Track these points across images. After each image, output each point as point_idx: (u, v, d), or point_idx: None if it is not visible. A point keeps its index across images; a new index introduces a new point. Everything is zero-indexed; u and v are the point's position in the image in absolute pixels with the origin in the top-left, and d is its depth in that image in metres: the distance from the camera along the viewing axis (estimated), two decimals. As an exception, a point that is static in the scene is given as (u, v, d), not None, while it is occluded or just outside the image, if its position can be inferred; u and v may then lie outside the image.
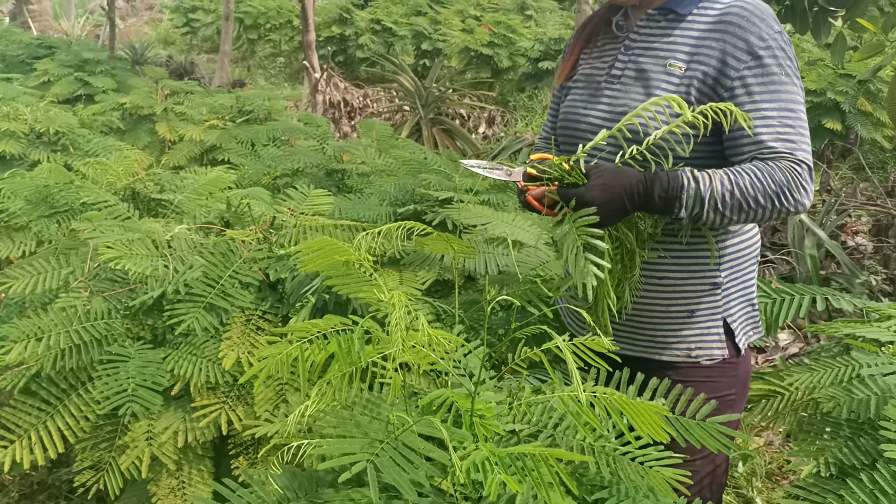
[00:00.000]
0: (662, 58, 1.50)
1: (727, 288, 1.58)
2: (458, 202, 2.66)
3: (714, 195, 1.37)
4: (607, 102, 1.57)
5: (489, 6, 11.69)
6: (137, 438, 1.79)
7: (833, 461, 1.47)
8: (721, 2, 1.48)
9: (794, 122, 1.41)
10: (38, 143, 3.67)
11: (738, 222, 1.42)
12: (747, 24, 1.42)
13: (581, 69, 1.67)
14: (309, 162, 3.58)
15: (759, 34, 1.42)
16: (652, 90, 1.50)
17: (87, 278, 1.99)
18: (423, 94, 7.66)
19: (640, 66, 1.53)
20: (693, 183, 1.37)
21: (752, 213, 1.39)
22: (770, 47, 1.41)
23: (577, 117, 1.62)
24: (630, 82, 1.54)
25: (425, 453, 1.08)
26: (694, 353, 1.57)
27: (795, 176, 1.38)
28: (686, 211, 1.38)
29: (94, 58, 6.09)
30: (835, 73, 6.13)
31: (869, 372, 1.53)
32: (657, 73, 1.50)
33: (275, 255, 1.98)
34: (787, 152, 1.39)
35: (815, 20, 3.76)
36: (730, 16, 1.44)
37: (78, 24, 14.92)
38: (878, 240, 4.32)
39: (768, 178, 1.37)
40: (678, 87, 1.47)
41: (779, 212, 1.40)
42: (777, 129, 1.40)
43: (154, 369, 1.80)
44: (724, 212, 1.38)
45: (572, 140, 1.63)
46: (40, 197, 2.57)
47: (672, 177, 1.38)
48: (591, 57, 1.66)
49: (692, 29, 1.49)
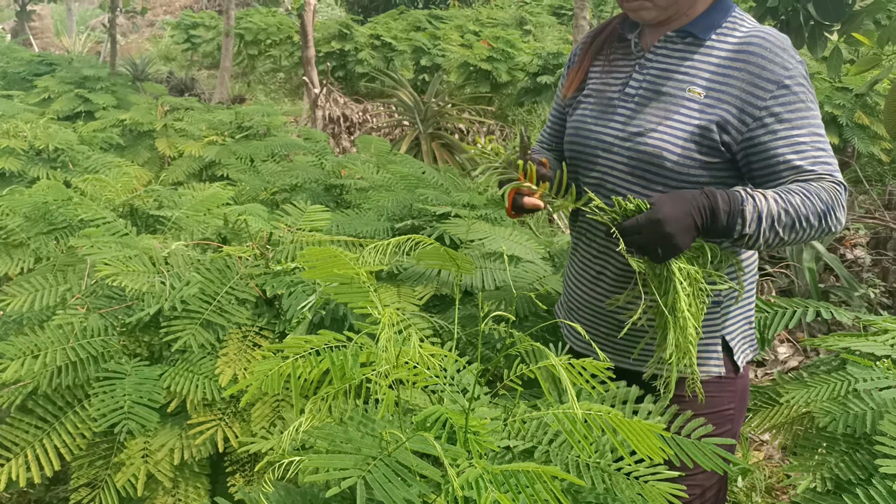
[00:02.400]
0: (681, 81, 1.49)
1: (726, 306, 1.58)
2: (455, 217, 2.67)
3: (771, 212, 1.35)
4: (621, 121, 1.54)
5: (488, 21, 11.76)
6: (133, 456, 1.79)
7: (829, 476, 1.46)
8: (740, 29, 1.48)
9: (825, 146, 1.42)
10: (38, 159, 3.69)
11: (787, 243, 1.40)
12: (771, 55, 1.42)
13: (591, 83, 1.65)
14: (307, 177, 3.59)
15: (784, 64, 1.42)
16: (671, 114, 1.48)
17: (84, 295, 1.99)
18: (422, 109, 7.68)
19: (658, 88, 1.51)
20: (751, 199, 1.35)
21: (802, 232, 1.38)
22: (794, 76, 1.42)
23: (587, 133, 1.60)
24: (645, 102, 1.52)
25: (419, 470, 1.08)
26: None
27: (838, 196, 1.39)
28: (748, 228, 1.34)
29: (94, 74, 6.13)
30: (832, 87, 6.16)
31: (864, 387, 1.52)
32: (676, 97, 1.48)
33: (271, 271, 1.99)
34: (826, 174, 1.40)
35: (810, 35, 3.78)
36: (752, 46, 1.44)
37: (79, 41, 15.00)
38: (877, 252, 4.32)
39: (816, 197, 1.36)
40: (698, 113, 1.46)
41: (822, 231, 1.40)
42: (812, 153, 1.40)
43: (150, 386, 1.80)
44: (779, 230, 1.36)
45: (581, 156, 1.62)
46: (39, 214, 2.57)
47: (730, 192, 1.36)
48: (601, 72, 1.64)
49: (712, 55, 1.47)
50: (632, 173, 1.52)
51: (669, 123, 1.47)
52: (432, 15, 12.23)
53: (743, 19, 1.51)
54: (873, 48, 3.21)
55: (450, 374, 1.36)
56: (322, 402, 1.14)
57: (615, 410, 1.15)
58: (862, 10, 3.58)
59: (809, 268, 3.86)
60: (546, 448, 1.27)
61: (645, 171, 1.50)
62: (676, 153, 1.46)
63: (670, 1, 1.49)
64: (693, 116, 1.46)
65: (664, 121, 1.48)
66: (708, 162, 1.47)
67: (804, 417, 1.67)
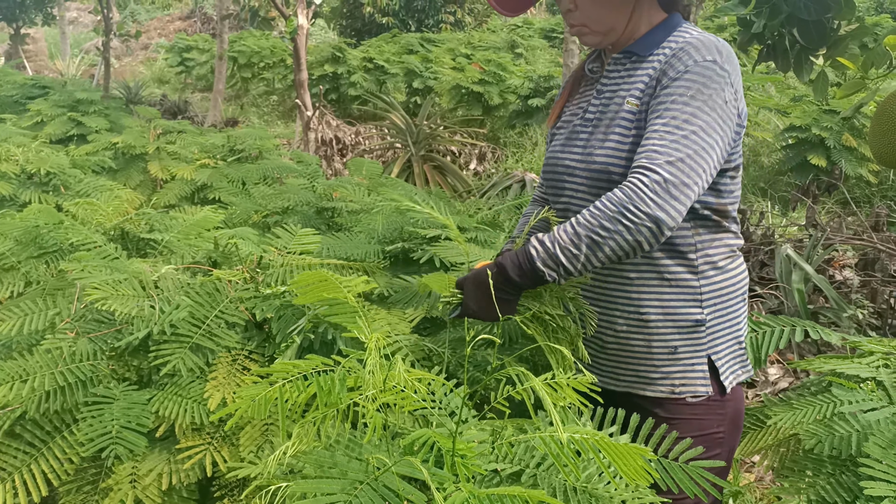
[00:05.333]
0: (623, 98, 1.54)
1: (711, 325, 1.58)
2: (445, 240, 2.69)
3: (563, 245, 1.39)
4: (581, 145, 1.61)
5: (480, 44, 11.87)
6: (121, 481, 1.78)
7: (816, 498, 1.47)
8: (680, 39, 1.51)
9: (675, 137, 1.38)
10: (30, 183, 3.69)
11: (609, 257, 1.40)
12: (682, 55, 1.45)
13: (564, 116, 1.73)
14: (299, 200, 3.61)
15: (686, 62, 1.44)
16: (612, 130, 1.54)
17: (73, 319, 1.99)
18: (414, 132, 7.73)
19: (607, 109, 1.57)
20: (540, 246, 1.41)
21: (612, 241, 1.37)
22: (689, 71, 1.43)
23: (555, 161, 1.68)
24: (598, 124, 1.58)
25: (405, 495, 1.09)
26: (678, 390, 1.57)
27: (636, 189, 1.36)
28: (553, 273, 1.40)
29: (87, 98, 6.14)
30: (819, 110, 6.23)
31: (848, 409, 1.54)
32: (619, 113, 1.54)
33: (261, 295, 1.99)
34: (643, 163, 1.38)
35: (796, 59, 3.83)
36: (675, 50, 1.48)
37: (73, 64, 15.07)
38: (865, 273, 4.35)
39: (604, 202, 1.38)
40: (632, 123, 1.51)
41: (638, 230, 1.36)
42: (653, 142, 1.39)
43: (139, 410, 1.80)
44: (581, 254, 1.38)
45: (553, 183, 1.70)
46: (30, 237, 2.58)
47: (520, 252, 1.42)
48: (571, 103, 1.72)
49: (650, 67, 1.52)
50: (591, 193, 1.57)
51: (612, 139, 1.53)
52: (424, 38, 12.35)
53: (688, 31, 1.53)
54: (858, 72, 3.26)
55: (438, 398, 1.36)
56: (310, 427, 1.15)
57: (602, 434, 1.16)
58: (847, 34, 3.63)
59: (798, 289, 3.89)
60: (534, 472, 1.27)
61: (600, 188, 1.54)
62: (621, 165, 1.50)
63: (607, 26, 1.56)
64: (630, 128, 1.51)
65: (608, 137, 1.54)
66: None
67: (791, 440, 1.68)
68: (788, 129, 6.34)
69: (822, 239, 4.50)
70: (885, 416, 1.49)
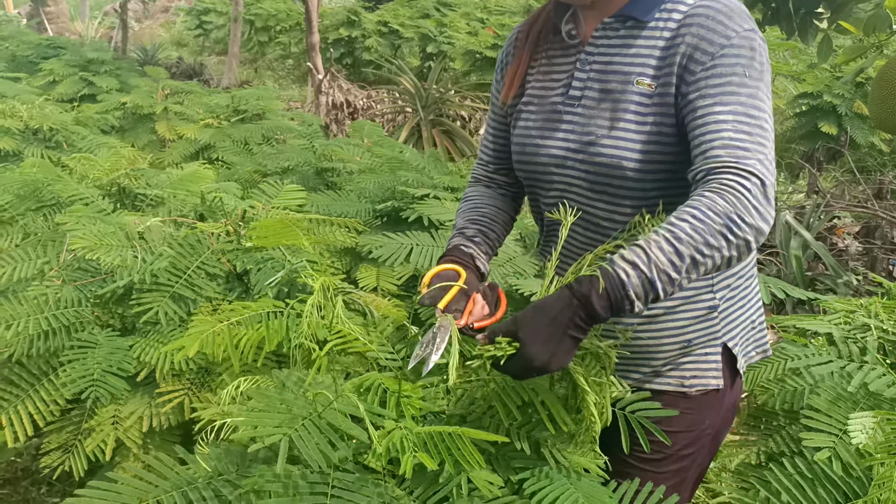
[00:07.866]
0: (627, 74, 1.29)
1: (724, 310, 1.41)
2: (433, 199, 2.72)
3: (661, 266, 1.09)
4: (569, 129, 1.34)
5: (496, 9, 11.75)
6: (104, 422, 1.86)
7: (765, 450, 1.51)
8: (686, 3, 1.27)
9: (752, 129, 1.18)
10: (34, 139, 3.76)
11: (706, 275, 1.16)
12: (712, 24, 1.22)
13: (530, 87, 1.43)
14: (299, 160, 3.65)
15: (725, 33, 1.21)
16: (620, 114, 1.28)
17: (61, 268, 2.06)
18: (424, 96, 7.72)
19: (604, 86, 1.31)
20: (632, 270, 1.09)
21: (712, 259, 1.11)
22: (734, 45, 1.21)
23: (534, 149, 1.39)
24: (593, 104, 1.32)
25: (346, 431, 1.14)
26: (688, 383, 1.42)
27: (741, 196, 1.12)
28: (641, 303, 1.10)
29: (98, 58, 6.20)
30: (832, 76, 6.13)
31: (799, 364, 1.57)
32: (625, 94, 1.28)
33: (243, 248, 2.05)
34: (731, 162, 1.15)
35: (801, 23, 3.79)
36: (694, 17, 1.24)
37: (92, 26, 15.12)
38: (867, 241, 4.34)
39: (709, 212, 1.11)
40: (647, 108, 1.27)
41: (737, 247, 1.12)
42: (729, 134, 1.17)
43: (121, 356, 1.87)
44: (682, 277, 1.11)
45: (534, 175, 1.42)
46: (28, 191, 2.64)
47: (607, 278, 1.10)
48: (538, 73, 1.42)
49: (657, 38, 1.28)
50: (592, 189, 1.34)
51: (622, 126, 1.28)
52: (441, 2, 12.24)
53: None
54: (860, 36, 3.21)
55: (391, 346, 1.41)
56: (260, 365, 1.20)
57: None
58: (851, -3, 3.57)
59: (796, 255, 3.89)
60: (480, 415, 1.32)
61: (606, 185, 1.32)
62: (635, 159, 1.27)
63: None
64: (645, 114, 1.26)
65: (615, 123, 1.28)
66: (675, 162, 1.28)
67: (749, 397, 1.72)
68: (801, 95, 6.25)
69: (823, 206, 4.48)
70: (835, 370, 1.52)
